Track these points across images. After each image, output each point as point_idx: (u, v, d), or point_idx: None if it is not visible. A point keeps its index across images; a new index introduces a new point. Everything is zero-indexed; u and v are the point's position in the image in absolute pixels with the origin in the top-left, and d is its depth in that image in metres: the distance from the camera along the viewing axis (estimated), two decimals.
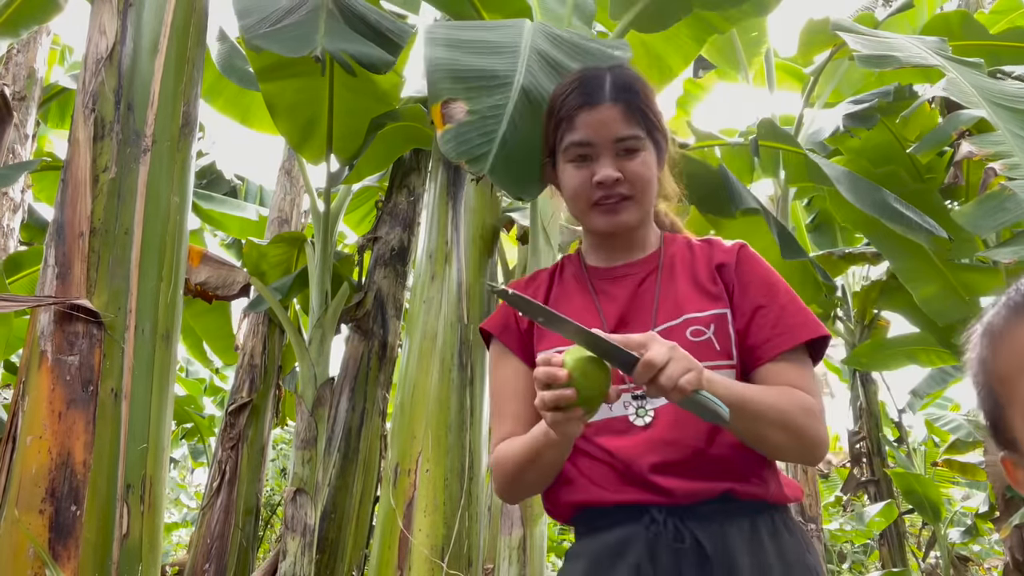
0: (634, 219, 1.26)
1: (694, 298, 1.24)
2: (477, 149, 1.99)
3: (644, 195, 1.26)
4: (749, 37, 4.83)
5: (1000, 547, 7.79)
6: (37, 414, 1.94)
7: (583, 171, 1.24)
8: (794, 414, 1.13)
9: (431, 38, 2.26)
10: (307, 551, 3.33)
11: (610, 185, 1.23)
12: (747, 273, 1.26)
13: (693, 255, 1.30)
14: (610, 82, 1.26)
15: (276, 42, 2.69)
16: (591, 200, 1.25)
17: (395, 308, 4.03)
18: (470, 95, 2.08)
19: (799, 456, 1.19)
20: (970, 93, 2.82)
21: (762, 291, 1.24)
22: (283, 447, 7.70)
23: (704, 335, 1.20)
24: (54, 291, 2.06)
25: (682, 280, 1.27)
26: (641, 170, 1.24)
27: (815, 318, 1.23)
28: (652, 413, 1.21)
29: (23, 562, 1.82)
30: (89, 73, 2.28)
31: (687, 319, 1.21)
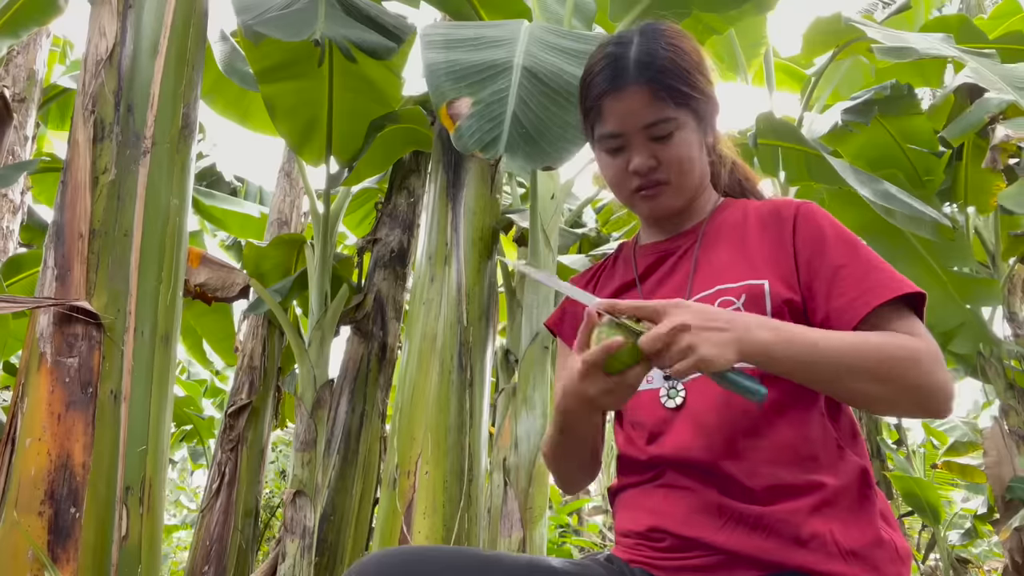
0: (677, 203, 1.19)
1: (735, 266, 1.13)
2: (487, 135, 2.01)
3: (684, 176, 1.17)
4: (748, 39, 4.83)
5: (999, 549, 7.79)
6: (36, 416, 1.94)
7: (618, 161, 1.18)
8: (889, 358, 0.96)
9: (428, 41, 2.27)
10: (306, 553, 3.33)
11: (645, 173, 1.16)
12: (812, 231, 1.11)
13: (746, 220, 1.18)
14: (634, 58, 1.14)
15: (275, 28, 2.70)
16: (630, 189, 1.18)
17: (395, 310, 4.03)
18: (472, 88, 2.10)
19: (913, 409, 1.00)
20: (994, 79, 2.86)
21: (838, 249, 1.09)
22: (283, 448, 7.69)
23: (732, 306, 1.08)
24: (53, 293, 2.06)
25: (726, 247, 1.17)
26: (677, 153, 1.15)
27: (904, 278, 1.06)
28: (683, 392, 1.10)
29: (22, 564, 1.82)
30: (89, 75, 2.28)
31: (719, 289, 1.11)
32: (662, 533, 1.06)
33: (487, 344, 2.79)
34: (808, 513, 0.99)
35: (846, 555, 0.97)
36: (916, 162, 4.70)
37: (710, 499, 1.03)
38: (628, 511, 1.14)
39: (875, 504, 1.04)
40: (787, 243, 1.12)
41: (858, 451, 1.07)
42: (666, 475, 1.08)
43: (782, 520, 0.99)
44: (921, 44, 3.04)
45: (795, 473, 1.02)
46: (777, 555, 0.98)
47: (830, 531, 0.98)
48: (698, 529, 1.02)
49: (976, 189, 4.78)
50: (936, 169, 4.70)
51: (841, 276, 1.06)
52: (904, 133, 4.66)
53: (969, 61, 2.96)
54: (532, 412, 2.76)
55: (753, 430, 1.04)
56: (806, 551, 0.97)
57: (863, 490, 1.03)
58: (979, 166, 4.61)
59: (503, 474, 2.75)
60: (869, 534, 1.00)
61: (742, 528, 1.00)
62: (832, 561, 0.97)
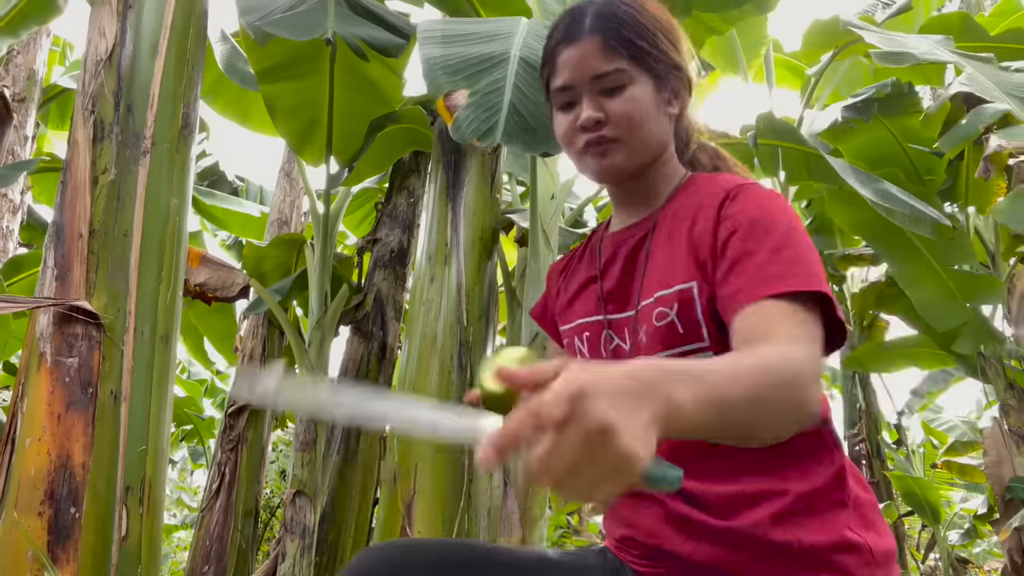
0: (627, 163, 1.09)
1: (672, 266, 1.04)
2: (484, 124, 2.03)
3: (634, 134, 1.07)
4: (750, 39, 4.84)
5: (999, 549, 7.79)
6: (36, 416, 1.94)
7: (568, 116, 1.10)
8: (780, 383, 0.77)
9: (426, 36, 2.28)
10: (306, 553, 3.33)
11: (592, 128, 1.07)
12: (735, 213, 1.00)
13: (700, 203, 1.06)
14: (593, 11, 1.09)
15: (284, 27, 2.70)
16: (579, 146, 1.10)
17: (395, 310, 4.03)
18: (468, 81, 2.12)
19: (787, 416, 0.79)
20: (990, 87, 2.85)
21: (750, 232, 0.97)
22: (283, 448, 7.69)
23: (667, 318, 1.01)
24: (53, 293, 2.06)
25: (669, 241, 1.07)
26: (626, 108, 1.06)
27: (815, 271, 0.91)
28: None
29: (22, 564, 1.82)
30: (89, 75, 2.28)
31: (658, 298, 1.03)
32: (633, 542, 1.06)
33: (487, 344, 2.79)
34: (772, 523, 0.95)
35: (813, 561, 0.95)
36: (917, 161, 4.70)
37: (676, 510, 1.00)
38: (608, 517, 1.15)
39: (847, 507, 0.98)
40: (711, 226, 1.01)
41: (831, 451, 1.00)
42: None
43: (748, 533, 0.96)
44: (919, 48, 3.03)
45: (757, 482, 0.97)
46: (744, 567, 0.96)
47: (797, 539, 0.95)
48: (665, 541, 1.01)
49: (977, 189, 4.78)
50: (937, 169, 4.70)
51: (742, 261, 0.95)
52: (905, 132, 4.67)
53: (967, 66, 2.95)
54: None
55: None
56: (773, 560, 0.95)
57: (834, 494, 0.98)
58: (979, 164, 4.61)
59: (503, 474, 2.75)
60: (836, 537, 0.96)
61: (708, 540, 0.98)
62: (798, 569, 0.95)
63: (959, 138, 3.99)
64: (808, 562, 0.94)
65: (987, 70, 2.98)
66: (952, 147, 4.11)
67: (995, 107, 2.91)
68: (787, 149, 3.76)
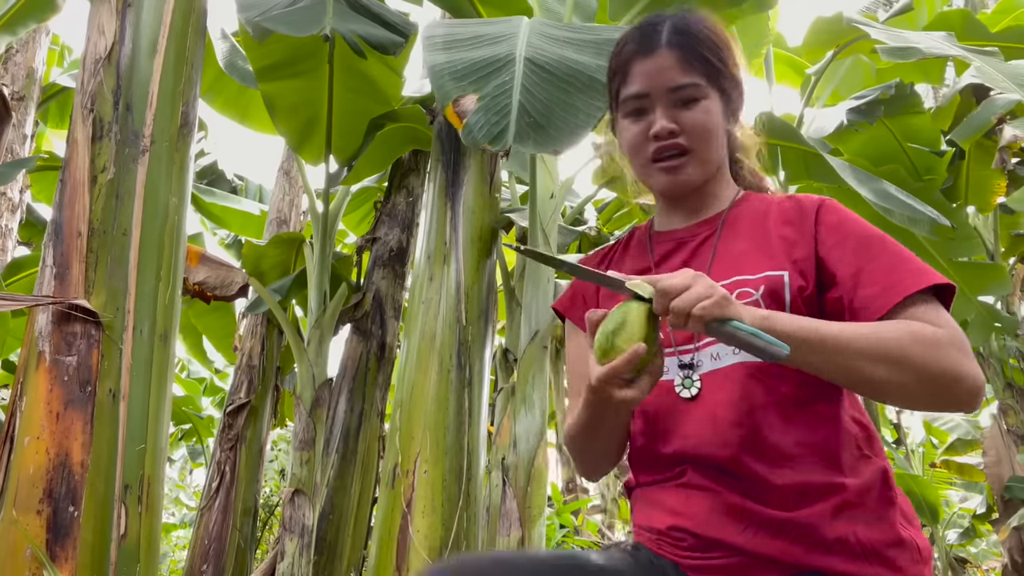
0: (696, 175, 1.15)
1: (754, 258, 1.10)
2: (495, 128, 2.03)
3: (706, 147, 1.13)
4: (751, 38, 4.83)
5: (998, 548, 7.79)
6: (35, 414, 1.94)
7: (639, 125, 1.14)
8: (904, 342, 0.93)
9: (430, 42, 2.28)
10: (305, 552, 3.33)
11: (665, 138, 1.12)
12: (836, 222, 1.09)
13: (767, 212, 1.14)
14: (668, 27, 1.14)
15: (284, 23, 2.70)
16: (648, 156, 1.14)
17: (394, 309, 4.03)
18: (476, 85, 2.12)
19: (932, 399, 0.95)
20: (1000, 79, 2.86)
21: (865, 240, 1.05)
22: (283, 447, 7.69)
23: (751, 297, 1.05)
24: (52, 291, 2.06)
25: (746, 238, 1.13)
26: (701, 119, 1.12)
27: (932, 269, 1.03)
28: (699, 382, 1.07)
29: (21, 563, 1.81)
30: (88, 73, 2.27)
31: (737, 280, 1.08)
32: (683, 533, 1.04)
33: (486, 343, 2.79)
34: (832, 516, 0.98)
35: (869, 556, 0.97)
36: (917, 161, 4.70)
37: (732, 501, 1.01)
38: (647, 508, 1.12)
39: (896, 504, 1.03)
40: (808, 233, 1.09)
41: (876, 452, 1.06)
42: (686, 474, 1.06)
43: (807, 524, 0.98)
44: (924, 43, 3.04)
45: (817, 473, 1.00)
46: (801, 558, 0.97)
47: (853, 533, 0.97)
48: (720, 531, 1.01)
49: (977, 188, 4.78)
50: (937, 168, 4.70)
51: (870, 267, 1.03)
52: (905, 132, 4.67)
53: (974, 60, 2.96)
54: (531, 411, 2.76)
55: (774, 426, 1.02)
56: (830, 554, 0.97)
57: (884, 491, 1.02)
58: (980, 166, 4.61)
59: (502, 473, 2.75)
60: (891, 534, 0.99)
61: (765, 531, 0.99)
62: (855, 562, 0.97)
63: (972, 129, 3.99)
64: (864, 557, 0.97)
65: (994, 63, 3.00)
66: (965, 138, 4.11)
67: (1006, 98, 2.94)
68: (787, 148, 3.76)
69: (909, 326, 0.95)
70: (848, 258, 1.04)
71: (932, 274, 1.01)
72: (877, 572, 0.97)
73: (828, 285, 1.06)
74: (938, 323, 0.97)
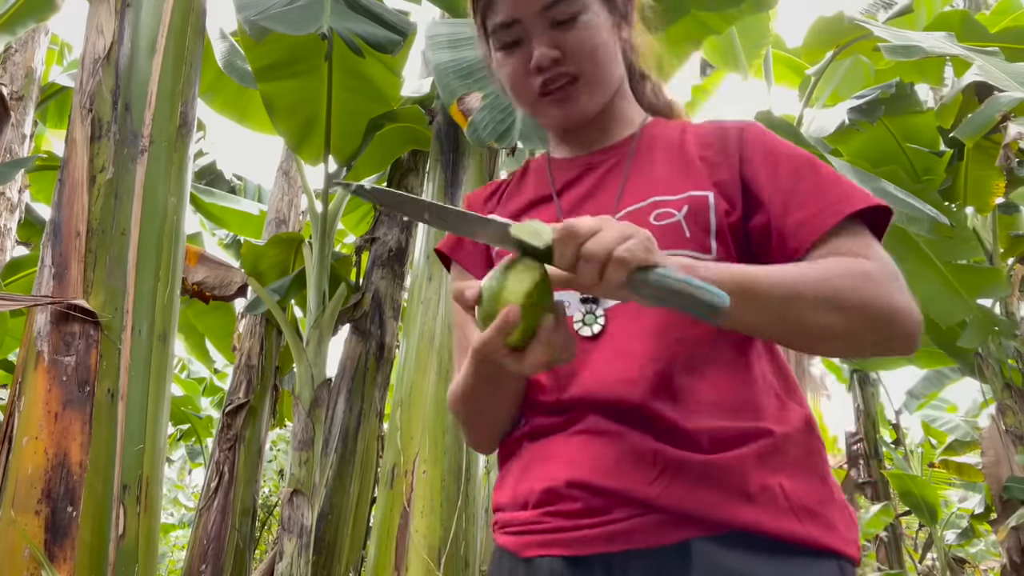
0: (592, 103, 0.99)
1: (673, 178, 0.95)
2: (500, 126, 2.04)
3: (597, 69, 0.97)
4: (750, 39, 4.84)
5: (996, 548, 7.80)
6: (33, 415, 1.94)
7: (516, 58, 0.97)
8: (837, 282, 0.81)
9: (433, 41, 2.29)
10: (304, 552, 3.33)
11: (549, 67, 0.95)
12: (763, 145, 0.95)
13: (683, 135, 1.00)
14: None
15: (281, 22, 2.71)
16: (534, 91, 0.98)
17: (393, 309, 4.03)
18: (480, 83, 2.13)
19: (877, 342, 0.84)
20: (1003, 77, 2.88)
21: (795, 162, 0.93)
22: (283, 447, 7.69)
23: (672, 218, 0.91)
24: (51, 291, 2.06)
25: (661, 160, 0.98)
26: (584, 38, 0.95)
27: (867, 192, 0.90)
28: (602, 317, 0.90)
29: (19, 563, 1.81)
30: (86, 73, 2.27)
31: (655, 201, 0.93)
32: (579, 489, 0.85)
33: None
34: (756, 462, 0.83)
35: (799, 512, 0.82)
36: (916, 161, 4.71)
37: (643, 445, 0.84)
38: (532, 468, 0.91)
39: (824, 457, 0.90)
40: (732, 155, 0.95)
41: (799, 400, 0.93)
42: (586, 419, 0.88)
43: (727, 468, 0.82)
44: (926, 42, 3.06)
45: (738, 418, 0.86)
46: (721, 511, 0.81)
47: (779, 484, 0.83)
48: (627, 480, 0.83)
49: (976, 189, 4.79)
50: (936, 168, 4.71)
51: (801, 188, 0.90)
52: (905, 132, 4.67)
53: (975, 59, 2.98)
54: None
55: (690, 365, 0.87)
56: (754, 506, 0.81)
57: (810, 441, 0.89)
58: (979, 166, 4.62)
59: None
60: (823, 490, 0.86)
61: (681, 479, 0.82)
62: (784, 518, 0.81)
63: (976, 126, 3.99)
64: (794, 513, 0.82)
65: (996, 62, 3.02)
66: (969, 136, 4.11)
67: (1009, 95, 2.95)
68: None
69: (841, 261, 0.84)
70: (777, 180, 0.92)
71: (866, 195, 0.89)
72: (810, 532, 0.82)
73: (753, 210, 0.92)
74: (871, 256, 0.86)
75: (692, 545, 0.81)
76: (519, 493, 0.91)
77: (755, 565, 0.80)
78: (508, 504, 0.93)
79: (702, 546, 0.81)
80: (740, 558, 0.80)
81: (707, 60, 5.26)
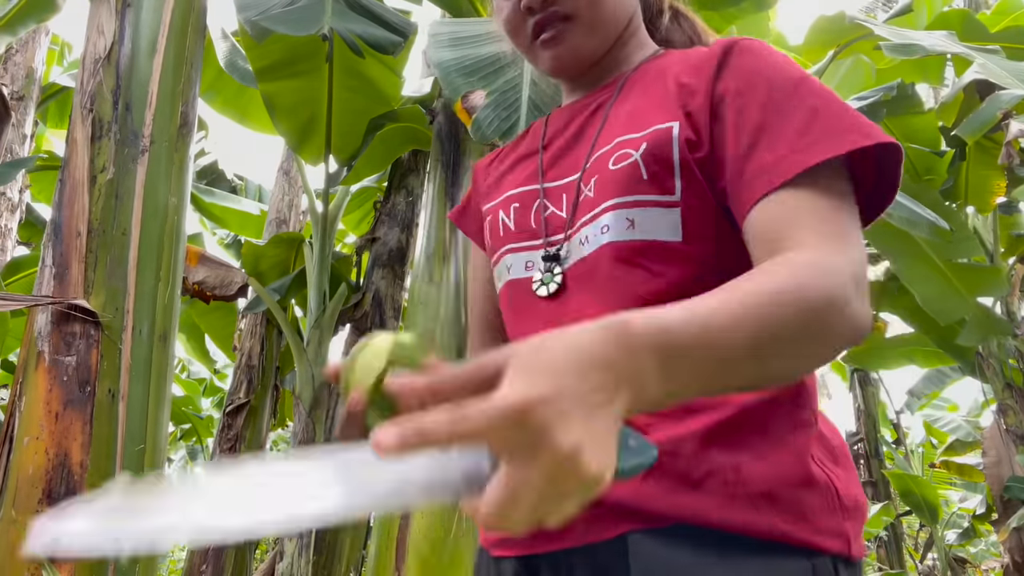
0: (588, 45, 0.89)
1: (646, 113, 0.82)
2: (505, 123, 2.05)
3: (595, 8, 0.87)
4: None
5: (997, 549, 7.80)
6: (34, 414, 1.94)
7: (511, 0, 0.89)
8: (796, 323, 0.57)
9: (436, 40, 2.30)
10: (304, 552, 3.33)
11: (540, 8, 0.87)
12: (744, 65, 0.78)
13: (675, 62, 0.86)
14: None
15: (283, 23, 2.71)
16: (528, 34, 0.89)
17: (393, 309, 4.03)
18: (485, 80, 2.14)
19: (828, 352, 0.61)
20: (1004, 75, 2.88)
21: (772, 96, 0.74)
22: (284, 447, 7.69)
23: (628, 159, 0.78)
24: (52, 291, 2.06)
25: (643, 95, 0.85)
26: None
27: (866, 121, 0.71)
28: (560, 277, 0.81)
29: (20, 563, 1.81)
30: (87, 73, 2.27)
31: (619, 142, 0.80)
32: None
33: None
34: (701, 441, 0.70)
35: (756, 499, 0.68)
36: (916, 161, 4.70)
37: None
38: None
39: (809, 431, 0.74)
40: (708, 76, 0.79)
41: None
42: None
43: (665, 453, 0.68)
44: (927, 41, 3.07)
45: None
46: (657, 501, 0.69)
47: (733, 466, 0.69)
48: None
49: (976, 189, 4.79)
50: (937, 168, 4.71)
51: (771, 123, 0.72)
52: (905, 132, 4.67)
53: (977, 57, 2.99)
54: None
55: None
56: (698, 493, 0.69)
57: (790, 410, 0.73)
58: (980, 166, 4.62)
59: None
60: (794, 469, 0.70)
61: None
62: (735, 507, 0.68)
63: (978, 124, 3.99)
64: (749, 500, 0.68)
65: (997, 60, 3.03)
66: (971, 134, 4.11)
67: (1011, 93, 2.96)
68: None
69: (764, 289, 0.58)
70: (748, 111, 0.74)
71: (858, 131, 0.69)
72: (771, 523, 0.67)
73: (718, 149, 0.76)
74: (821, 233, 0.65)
75: (628, 540, 0.70)
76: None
77: (699, 563, 0.67)
78: None
79: (640, 540, 0.69)
80: (681, 554, 0.68)
81: None
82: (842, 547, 0.70)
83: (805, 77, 0.75)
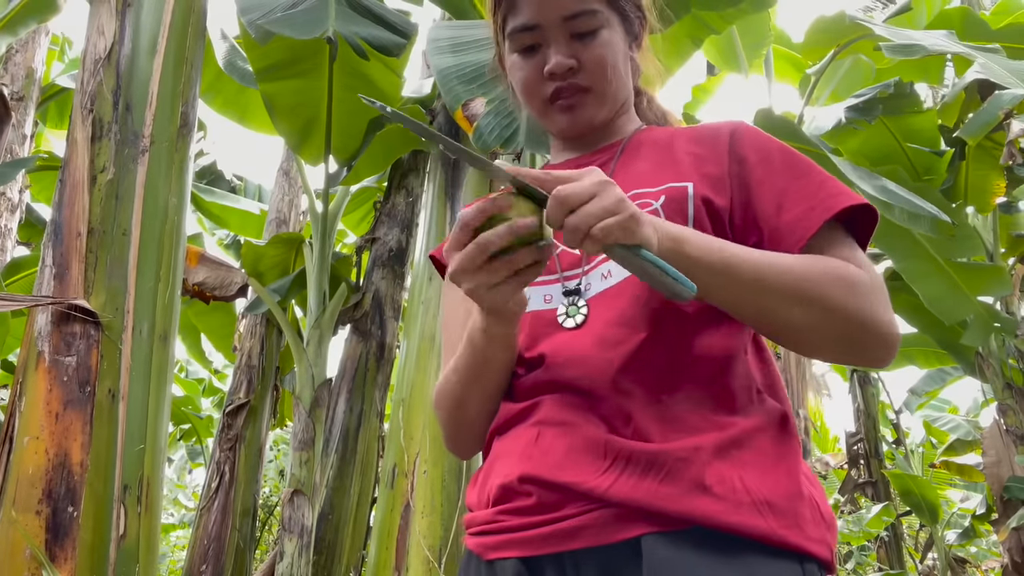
0: (600, 115, 1.01)
1: (657, 173, 0.96)
2: (506, 131, 2.05)
3: (608, 84, 0.99)
4: (751, 39, 4.84)
5: (997, 548, 7.80)
6: (34, 415, 1.94)
7: (532, 62, 0.99)
8: (822, 282, 0.81)
9: (435, 46, 2.29)
10: (304, 552, 3.33)
11: (563, 75, 0.97)
12: (755, 143, 0.96)
13: (673, 136, 1.02)
14: None
15: (287, 26, 2.71)
16: (545, 96, 0.99)
17: (393, 309, 4.03)
18: (485, 88, 2.13)
19: (842, 348, 0.85)
20: (1005, 74, 2.88)
21: (787, 161, 0.93)
22: (283, 447, 7.69)
23: (648, 207, 0.91)
24: (52, 291, 2.06)
25: (647, 157, 1.00)
26: (601, 53, 0.97)
27: (850, 191, 0.90)
28: (585, 308, 0.90)
29: (20, 563, 1.81)
30: (87, 73, 2.28)
31: (636, 193, 0.93)
32: (531, 484, 0.83)
33: None
34: (713, 453, 0.80)
35: (760, 505, 0.78)
36: (916, 161, 4.71)
37: (594, 435, 0.82)
38: (494, 465, 0.91)
39: (796, 452, 0.86)
40: (721, 151, 0.95)
41: (780, 398, 0.91)
42: (542, 408, 0.87)
43: (680, 459, 0.79)
44: (927, 41, 3.06)
45: (702, 409, 0.84)
46: (674, 503, 0.77)
47: (739, 476, 0.79)
48: (577, 473, 0.80)
49: (976, 189, 4.79)
50: (936, 168, 4.71)
51: (793, 188, 0.90)
52: (905, 132, 4.67)
53: (977, 57, 2.99)
54: None
55: (665, 343, 0.86)
56: (710, 498, 0.77)
57: (781, 435, 0.86)
58: (980, 166, 4.62)
59: None
60: (790, 485, 0.81)
61: (631, 470, 0.79)
62: (742, 511, 0.77)
63: (979, 124, 3.99)
64: (755, 506, 0.78)
65: (998, 60, 3.02)
66: (972, 134, 4.12)
67: (1012, 93, 2.96)
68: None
69: (829, 264, 0.84)
70: (769, 179, 0.92)
71: (853, 195, 0.89)
72: (771, 527, 0.77)
73: (743, 209, 0.93)
74: (861, 264, 0.86)
75: (643, 542, 0.77)
76: (484, 491, 0.91)
77: (707, 563, 0.76)
78: (475, 503, 0.93)
79: (653, 543, 0.77)
80: (691, 556, 0.76)
81: (709, 62, 5.27)
82: (827, 554, 0.81)
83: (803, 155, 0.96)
